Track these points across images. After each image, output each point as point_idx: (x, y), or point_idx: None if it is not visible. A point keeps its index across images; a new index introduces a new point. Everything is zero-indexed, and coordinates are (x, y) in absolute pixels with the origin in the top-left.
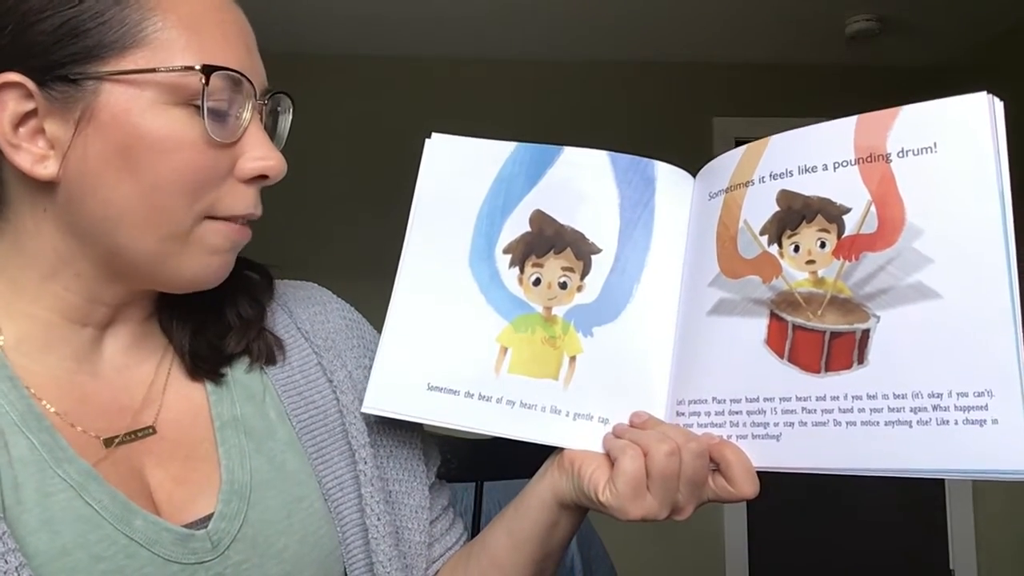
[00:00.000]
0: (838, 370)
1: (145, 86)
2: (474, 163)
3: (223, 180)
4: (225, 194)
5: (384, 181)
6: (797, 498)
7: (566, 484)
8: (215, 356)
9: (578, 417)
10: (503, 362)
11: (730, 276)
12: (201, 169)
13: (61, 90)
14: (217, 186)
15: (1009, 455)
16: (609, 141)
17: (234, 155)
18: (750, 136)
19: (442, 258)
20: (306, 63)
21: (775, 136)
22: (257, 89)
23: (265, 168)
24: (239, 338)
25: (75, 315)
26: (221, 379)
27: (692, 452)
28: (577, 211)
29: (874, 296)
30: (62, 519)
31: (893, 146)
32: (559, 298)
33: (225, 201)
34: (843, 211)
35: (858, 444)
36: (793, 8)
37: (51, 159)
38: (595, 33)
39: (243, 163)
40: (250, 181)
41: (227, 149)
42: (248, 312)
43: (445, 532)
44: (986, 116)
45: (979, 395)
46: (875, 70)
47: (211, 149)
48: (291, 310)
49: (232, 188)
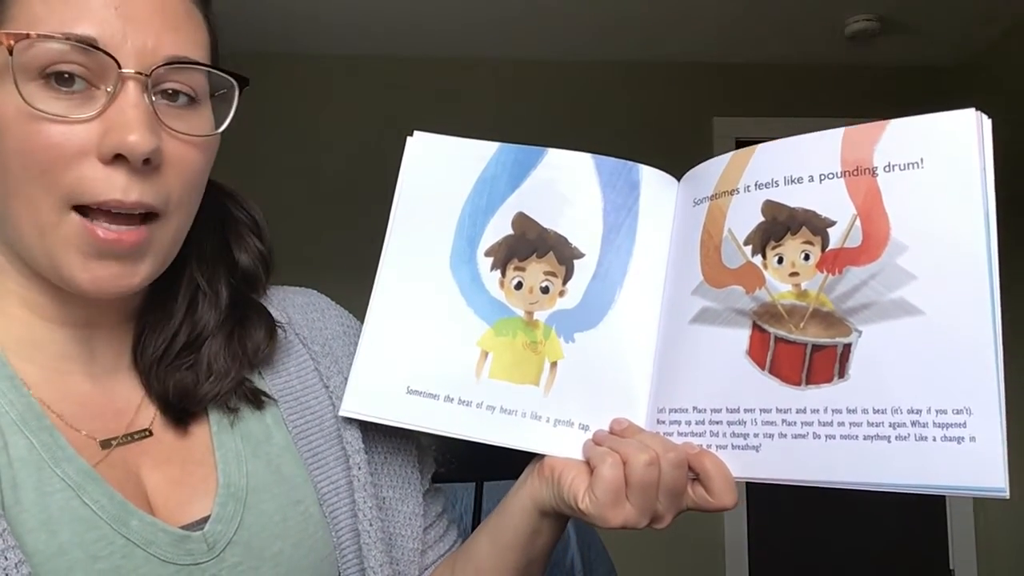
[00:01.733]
0: (819, 383)
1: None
2: (456, 163)
3: (79, 161)
4: (87, 177)
5: (369, 180)
6: (797, 497)
7: (546, 492)
8: (180, 408)
9: (559, 423)
10: (484, 366)
11: (713, 285)
12: (42, 147)
13: None
14: (72, 167)
15: (985, 473)
16: (609, 141)
17: (94, 131)
18: (750, 136)
19: (423, 259)
20: (295, 64)
21: (762, 145)
22: (135, 58)
23: (117, 145)
24: (209, 389)
25: (47, 314)
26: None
27: (671, 462)
28: (560, 214)
29: (856, 311)
30: (60, 519)
31: (880, 160)
32: (541, 303)
33: (87, 184)
34: (828, 224)
35: (837, 457)
36: (793, 8)
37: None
38: (595, 33)
39: (100, 139)
40: (113, 162)
41: (83, 125)
42: (221, 367)
43: (439, 539)
44: (974, 133)
45: (958, 412)
46: (875, 70)
47: (54, 125)
48: (289, 316)
49: (93, 169)
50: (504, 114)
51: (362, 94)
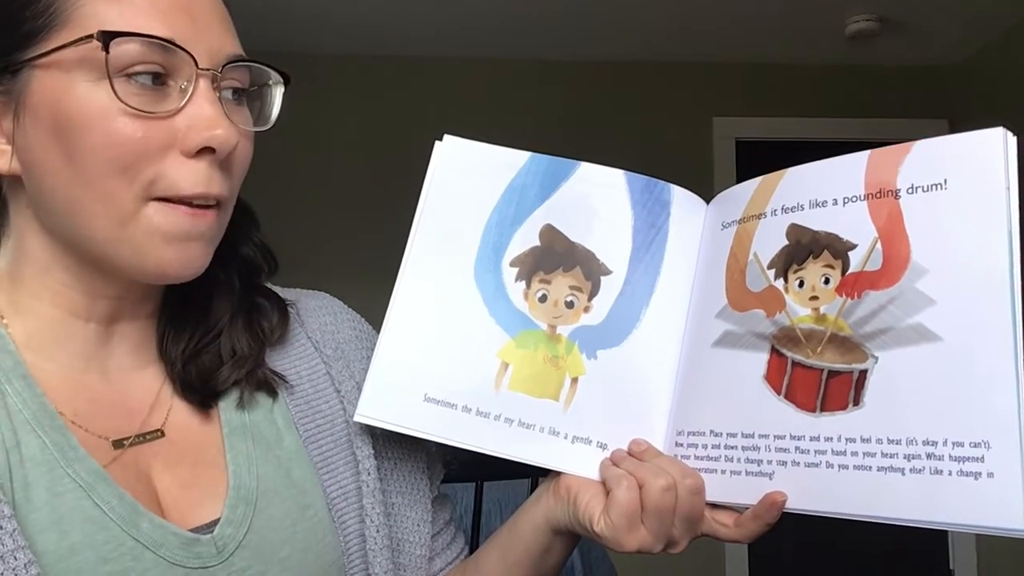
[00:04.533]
0: (833, 410)
1: (68, 66)
2: (485, 170)
3: (162, 155)
4: (168, 170)
5: (388, 183)
6: None
7: (561, 511)
8: (204, 389)
9: (576, 440)
10: (503, 378)
11: (737, 308)
12: (128, 142)
13: (5, 82)
14: (155, 161)
15: (1004, 512)
16: (609, 141)
17: (175, 127)
18: (750, 136)
19: (446, 265)
20: (311, 63)
21: (791, 168)
22: (205, 56)
23: (207, 139)
24: (230, 374)
25: (76, 310)
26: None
27: (688, 488)
28: (589, 229)
29: (874, 336)
30: (71, 519)
31: (903, 182)
32: (565, 317)
33: (168, 178)
34: (849, 247)
35: (849, 488)
36: (793, 8)
37: (6, 154)
38: (595, 33)
39: (184, 134)
40: (198, 155)
41: (164, 121)
42: (244, 349)
43: (446, 547)
44: (1000, 153)
45: (975, 446)
46: (875, 70)
47: (139, 121)
48: (302, 319)
49: (178, 164)
50: (504, 114)
51: (362, 94)
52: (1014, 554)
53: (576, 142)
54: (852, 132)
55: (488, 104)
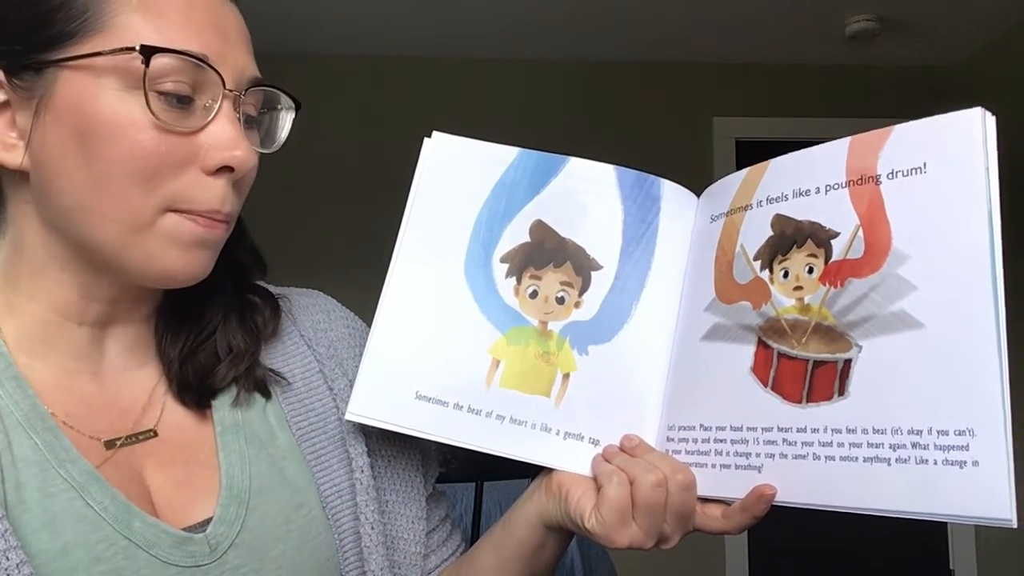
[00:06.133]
0: (819, 401)
1: (100, 72)
2: (475, 166)
3: (182, 170)
4: (188, 186)
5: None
6: None
7: (553, 508)
8: (201, 388)
9: (568, 436)
10: (495, 375)
11: (724, 301)
12: (152, 156)
13: (27, 79)
14: (176, 176)
15: (990, 501)
16: (609, 141)
17: (197, 145)
18: (750, 136)
19: (436, 261)
20: (305, 63)
21: (775, 159)
22: (232, 78)
23: (228, 159)
24: (227, 372)
25: (70, 312)
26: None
27: (679, 484)
28: (579, 225)
29: (857, 324)
30: (63, 519)
31: (884, 167)
32: (555, 313)
33: (188, 193)
34: (832, 235)
35: (836, 480)
36: (793, 8)
37: (18, 148)
38: (595, 33)
39: (205, 153)
40: (216, 173)
41: (187, 137)
42: (240, 345)
43: (442, 543)
44: (979, 134)
45: (960, 434)
46: (875, 70)
47: (164, 135)
48: (295, 317)
49: (197, 180)
50: (504, 114)
51: (362, 95)
52: (1014, 554)
53: (576, 142)
54: (852, 132)
55: (488, 104)
